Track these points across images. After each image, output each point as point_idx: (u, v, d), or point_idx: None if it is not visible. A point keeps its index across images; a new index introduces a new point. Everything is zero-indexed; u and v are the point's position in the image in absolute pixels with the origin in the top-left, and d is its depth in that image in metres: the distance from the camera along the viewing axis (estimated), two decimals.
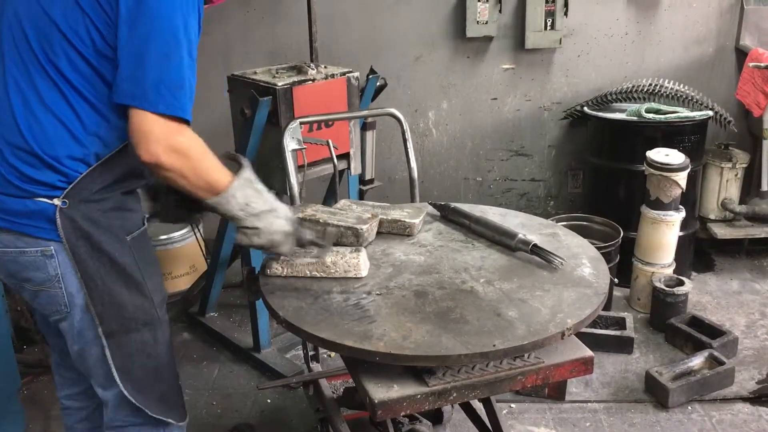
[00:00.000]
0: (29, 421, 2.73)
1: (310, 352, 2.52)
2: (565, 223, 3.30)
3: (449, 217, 2.10)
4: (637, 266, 3.42)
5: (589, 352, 1.61)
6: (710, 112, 3.54)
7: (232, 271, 3.49)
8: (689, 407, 2.73)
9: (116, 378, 1.65)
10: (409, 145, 2.49)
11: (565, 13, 3.80)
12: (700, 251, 3.91)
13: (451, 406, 2.32)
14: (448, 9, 3.89)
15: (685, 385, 2.73)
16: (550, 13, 3.80)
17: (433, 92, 4.05)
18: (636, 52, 4.00)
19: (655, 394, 2.78)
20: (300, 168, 2.61)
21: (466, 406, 2.23)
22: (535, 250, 1.81)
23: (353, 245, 1.85)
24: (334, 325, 1.54)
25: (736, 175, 3.82)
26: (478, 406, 2.20)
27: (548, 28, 3.83)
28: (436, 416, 2.38)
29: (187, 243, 3.64)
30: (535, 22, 3.82)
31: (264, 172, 2.24)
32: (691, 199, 3.59)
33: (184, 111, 1.48)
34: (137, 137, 1.45)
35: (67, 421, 2.01)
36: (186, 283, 3.62)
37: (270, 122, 2.74)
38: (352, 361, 1.57)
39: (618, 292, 3.54)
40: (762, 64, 3.55)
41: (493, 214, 2.10)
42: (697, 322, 3.14)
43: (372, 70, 3.09)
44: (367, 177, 3.24)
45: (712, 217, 3.88)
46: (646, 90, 3.68)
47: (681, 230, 3.39)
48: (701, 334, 3.02)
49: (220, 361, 3.18)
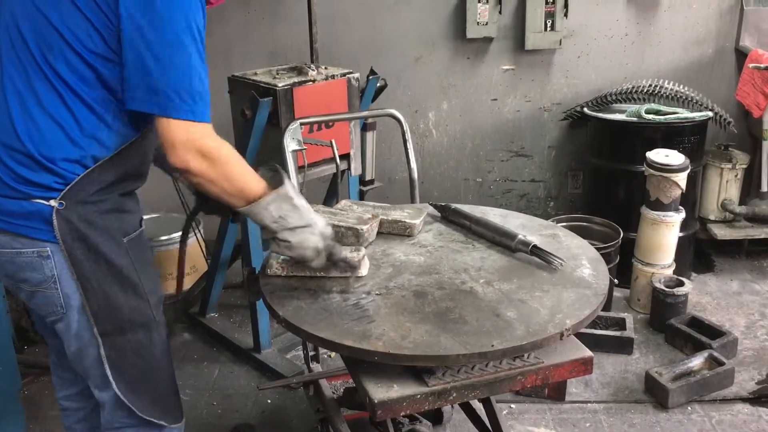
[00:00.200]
0: (29, 421, 2.73)
1: (311, 353, 2.53)
2: (565, 224, 3.31)
3: (450, 218, 2.10)
4: (637, 267, 3.42)
5: (588, 353, 1.62)
6: (710, 113, 3.54)
7: (233, 272, 3.49)
8: (689, 408, 2.73)
9: (110, 379, 1.65)
10: (409, 145, 2.49)
11: (565, 14, 3.80)
12: (700, 252, 3.91)
13: (451, 406, 2.32)
14: (448, 10, 3.90)
15: (685, 386, 2.73)
16: (550, 14, 3.80)
17: (433, 93, 4.06)
18: (636, 53, 4.01)
19: (655, 394, 2.78)
20: (300, 169, 2.62)
21: (466, 407, 2.23)
22: (535, 251, 1.82)
23: (353, 245, 1.86)
24: (333, 325, 1.54)
25: (736, 176, 3.82)
26: (478, 407, 2.20)
27: (548, 29, 3.83)
28: (436, 416, 2.39)
29: (188, 243, 3.63)
30: (535, 23, 3.82)
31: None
32: (691, 199, 3.59)
33: (205, 114, 1.49)
34: (166, 144, 1.47)
35: (66, 422, 2.01)
36: (186, 283, 3.61)
37: (270, 123, 2.75)
38: (352, 362, 1.57)
39: (618, 293, 3.54)
40: (762, 65, 3.56)
41: (494, 216, 2.10)
42: (696, 323, 3.14)
43: (372, 71, 3.09)
44: (368, 178, 3.25)
45: (712, 217, 3.88)
46: (646, 91, 3.68)
47: (681, 231, 3.39)
48: (701, 334, 3.02)
49: (221, 362, 3.18)
